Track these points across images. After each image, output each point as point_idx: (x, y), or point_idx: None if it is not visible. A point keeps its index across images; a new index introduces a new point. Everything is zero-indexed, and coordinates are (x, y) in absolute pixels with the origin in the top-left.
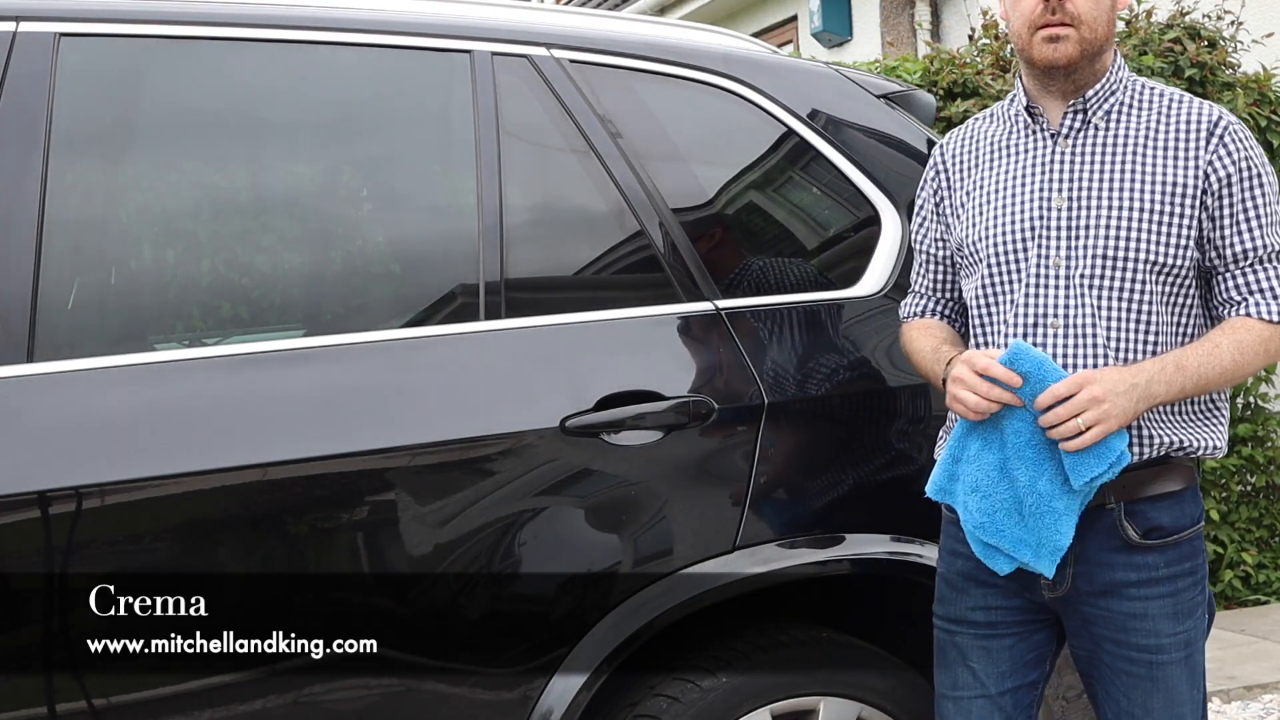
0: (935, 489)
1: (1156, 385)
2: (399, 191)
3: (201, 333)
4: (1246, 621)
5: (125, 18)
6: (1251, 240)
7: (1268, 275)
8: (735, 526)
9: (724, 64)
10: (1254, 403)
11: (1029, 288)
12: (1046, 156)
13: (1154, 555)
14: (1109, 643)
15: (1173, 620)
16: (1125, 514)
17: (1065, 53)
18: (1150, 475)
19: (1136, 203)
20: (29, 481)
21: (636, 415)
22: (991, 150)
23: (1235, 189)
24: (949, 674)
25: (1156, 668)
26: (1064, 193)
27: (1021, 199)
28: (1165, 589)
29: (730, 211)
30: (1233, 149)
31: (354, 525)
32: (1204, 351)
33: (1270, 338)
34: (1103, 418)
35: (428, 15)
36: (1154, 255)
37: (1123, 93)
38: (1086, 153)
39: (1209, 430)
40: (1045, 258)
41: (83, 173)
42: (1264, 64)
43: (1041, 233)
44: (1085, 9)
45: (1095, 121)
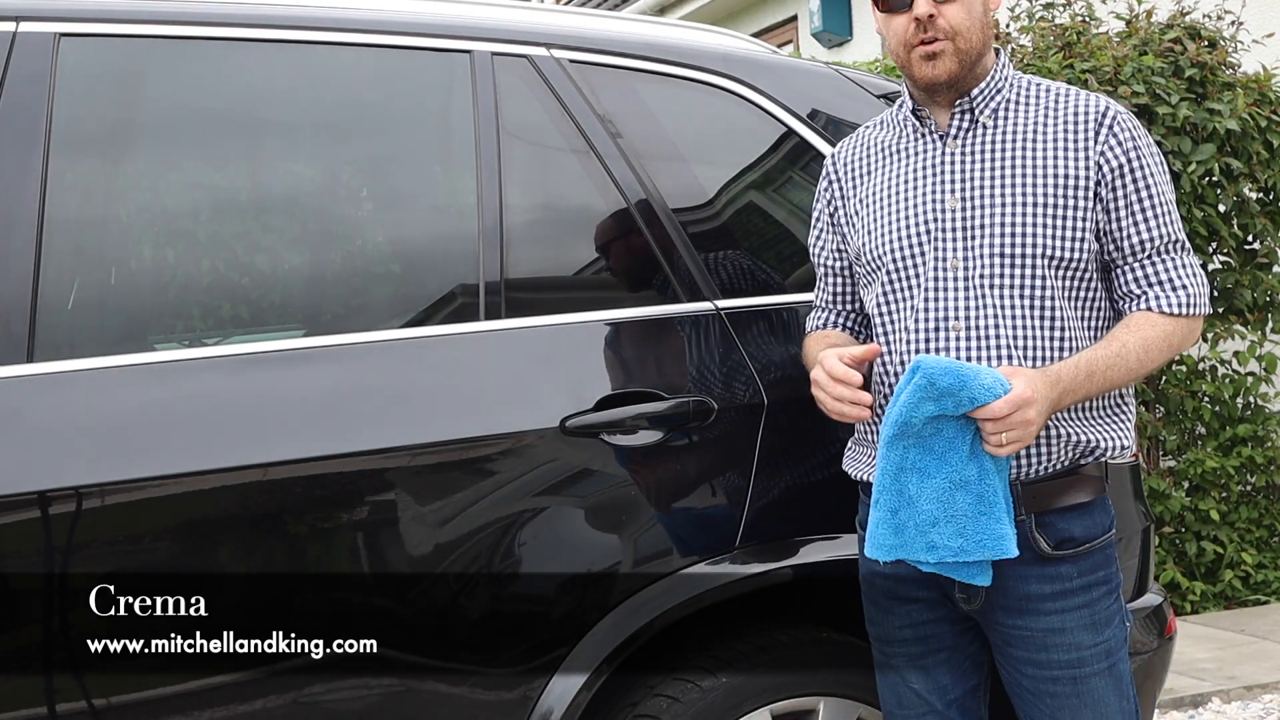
0: (885, 550)
1: (1067, 397)
2: (399, 191)
3: (201, 333)
4: (1246, 621)
5: (125, 18)
6: (1148, 231)
7: (1166, 266)
8: (735, 526)
9: (724, 64)
10: (1254, 403)
11: (928, 291)
12: (936, 158)
13: (1066, 566)
14: (1028, 665)
15: (1090, 631)
16: (1036, 525)
17: (945, 68)
18: (1060, 486)
19: (1029, 197)
20: (29, 481)
21: (636, 415)
22: (881, 156)
23: (1127, 179)
24: (892, 693)
25: (1080, 682)
26: (956, 193)
27: (914, 202)
28: (1080, 599)
29: (730, 211)
30: (1122, 138)
31: (354, 525)
32: (1111, 353)
33: (1173, 331)
34: (1026, 437)
35: (428, 15)
36: (1052, 250)
37: (1009, 90)
38: (976, 151)
39: (1117, 428)
40: (943, 260)
41: (83, 173)
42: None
43: (937, 235)
44: (957, 20)
45: (983, 120)
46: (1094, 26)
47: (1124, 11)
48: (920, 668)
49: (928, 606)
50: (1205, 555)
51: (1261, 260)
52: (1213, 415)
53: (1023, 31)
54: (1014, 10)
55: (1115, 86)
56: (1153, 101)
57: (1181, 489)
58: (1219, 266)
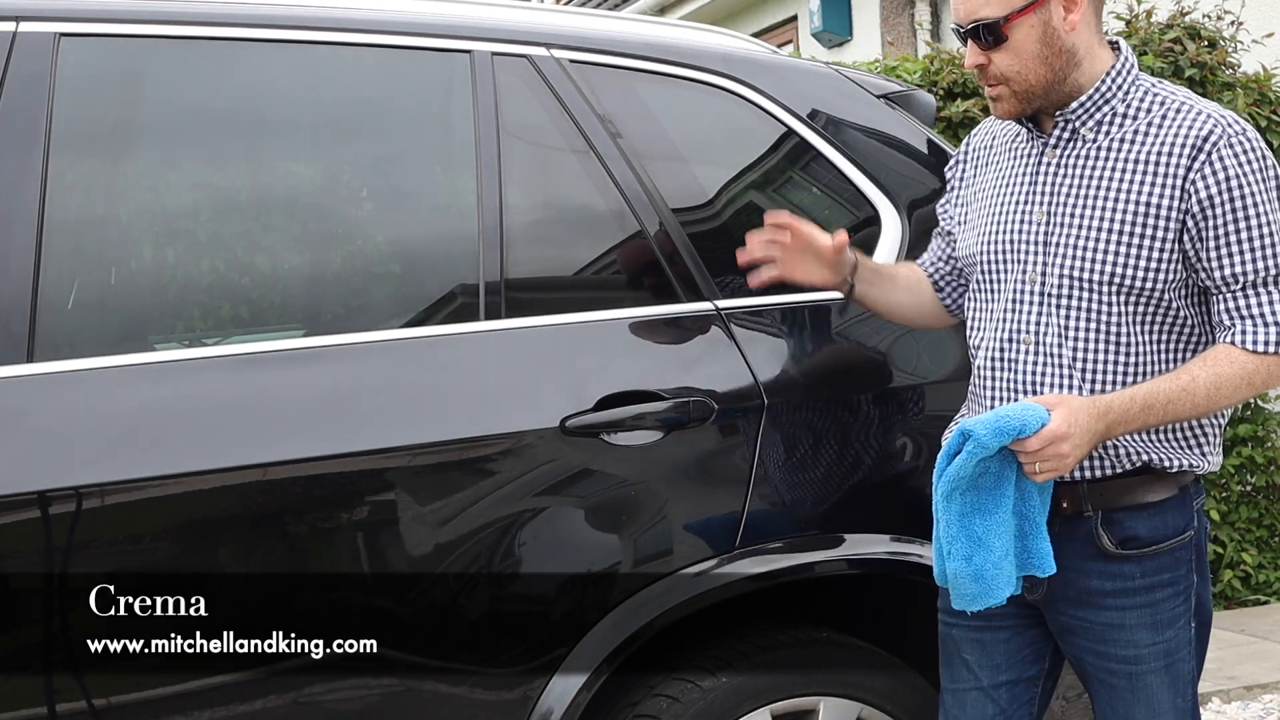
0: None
1: (1118, 427)
2: (399, 191)
3: (201, 333)
4: (1246, 621)
5: (125, 18)
6: (1240, 264)
7: (1260, 300)
8: (735, 526)
9: (724, 64)
10: (1254, 403)
11: (1008, 301)
12: (1034, 166)
13: (1130, 565)
14: (1089, 654)
15: (1151, 630)
16: (1102, 523)
17: (1004, 110)
18: (1129, 485)
19: (1106, 221)
20: (29, 481)
21: (636, 415)
22: (999, 151)
23: (1218, 209)
24: (948, 667)
25: (1136, 678)
26: (1044, 205)
27: (1007, 209)
28: (1142, 599)
29: (730, 211)
30: (1218, 167)
31: (354, 525)
32: (1178, 387)
33: (1255, 370)
34: (1062, 468)
35: (428, 15)
36: (1121, 278)
37: (1119, 101)
38: (1069, 165)
39: (1189, 453)
40: (1024, 272)
41: (83, 173)
42: (1264, 64)
43: (1020, 246)
44: (1006, 67)
45: (1084, 133)
46: None
47: (1124, 11)
48: (976, 641)
49: None
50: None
51: None
52: None
53: None
54: None
55: None
56: None
57: None
58: None
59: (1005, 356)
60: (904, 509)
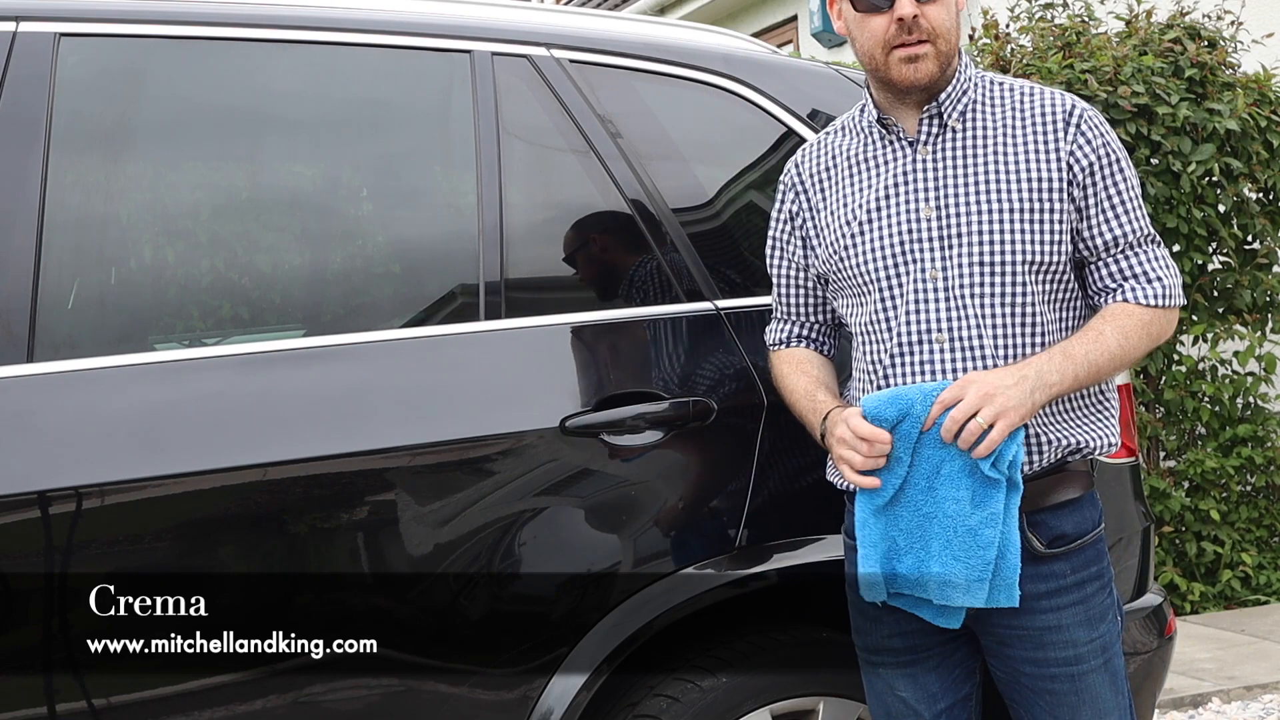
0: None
1: (1048, 374)
2: (399, 191)
3: (201, 333)
4: (1246, 621)
5: (125, 18)
6: (1120, 227)
7: (1140, 259)
8: (735, 526)
9: (724, 64)
10: (1254, 403)
11: (910, 304)
12: (908, 166)
13: (1060, 563)
14: (1026, 663)
15: (1086, 627)
16: (1029, 525)
17: (926, 71)
18: (1050, 484)
19: (1005, 203)
20: (29, 481)
21: (636, 415)
22: (850, 166)
23: (1098, 177)
24: (880, 704)
25: (1078, 679)
26: (931, 201)
27: (889, 214)
28: (1074, 596)
29: (730, 211)
30: (1091, 136)
31: (354, 525)
32: (1089, 339)
33: (1151, 320)
34: (1000, 411)
35: (428, 15)
36: (1031, 255)
37: (974, 90)
38: (947, 157)
39: (1101, 427)
40: (923, 271)
41: (83, 173)
42: (1264, 64)
43: (913, 246)
44: (940, 20)
45: (951, 124)
46: (1094, 27)
47: (1124, 12)
48: (909, 675)
49: (918, 618)
50: (1205, 555)
51: (1261, 260)
52: (1212, 415)
53: (1022, 31)
54: (1013, 10)
55: (1115, 86)
56: (1152, 102)
57: (1181, 489)
58: (1219, 267)
59: (917, 358)
60: None
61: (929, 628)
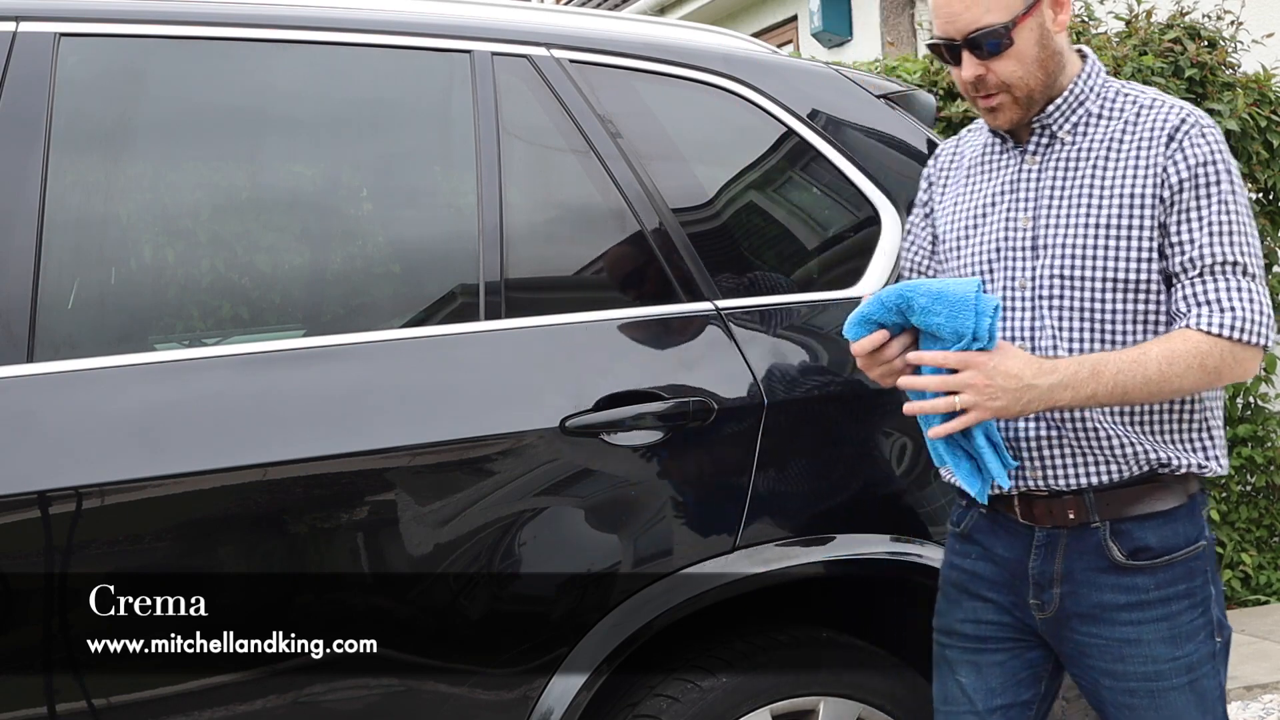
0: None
1: (1061, 391)
2: (399, 191)
3: (201, 333)
4: (1246, 621)
5: (125, 18)
6: (1200, 248)
7: (1217, 286)
8: (735, 526)
9: (724, 64)
10: (1254, 403)
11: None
12: (1014, 175)
13: (1143, 577)
14: (1105, 676)
15: (1170, 645)
16: (1111, 533)
17: (1006, 118)
18: (1134, 494)
19: (1094, 218)
20: (29, 481)
21: (636, 415)
22: (969, 167)
23: (1186, 194)
24: (941, 686)
25: (1159, 695)
26: (1029, 211)
27: (991, 219)
28: (1158, 612)
29: (730, 211)
30: (1189, 153)
31: (354, 525)
32: (1129, 358)
33: (1208, 351)
34: (978, 406)
35: (428, 15)
36: (1113, 272)
37: (1092, 102)
38: (1050, 169)
39: (1190, 443)
40: (1012, 279)
41: (83, 173)
42: (1264, 64)
43: (1008, 254)
44: (1008, 73)
45: (1061, 136)
46: (1093, 26)
47: (1124, 12)
48: (972, 664)
49: (996, 609)
50: None
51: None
52: None
53: None
54: None
55: None
56: None
57: None
58: None
59: None
60: (904, 509)
61: (1004, 624)
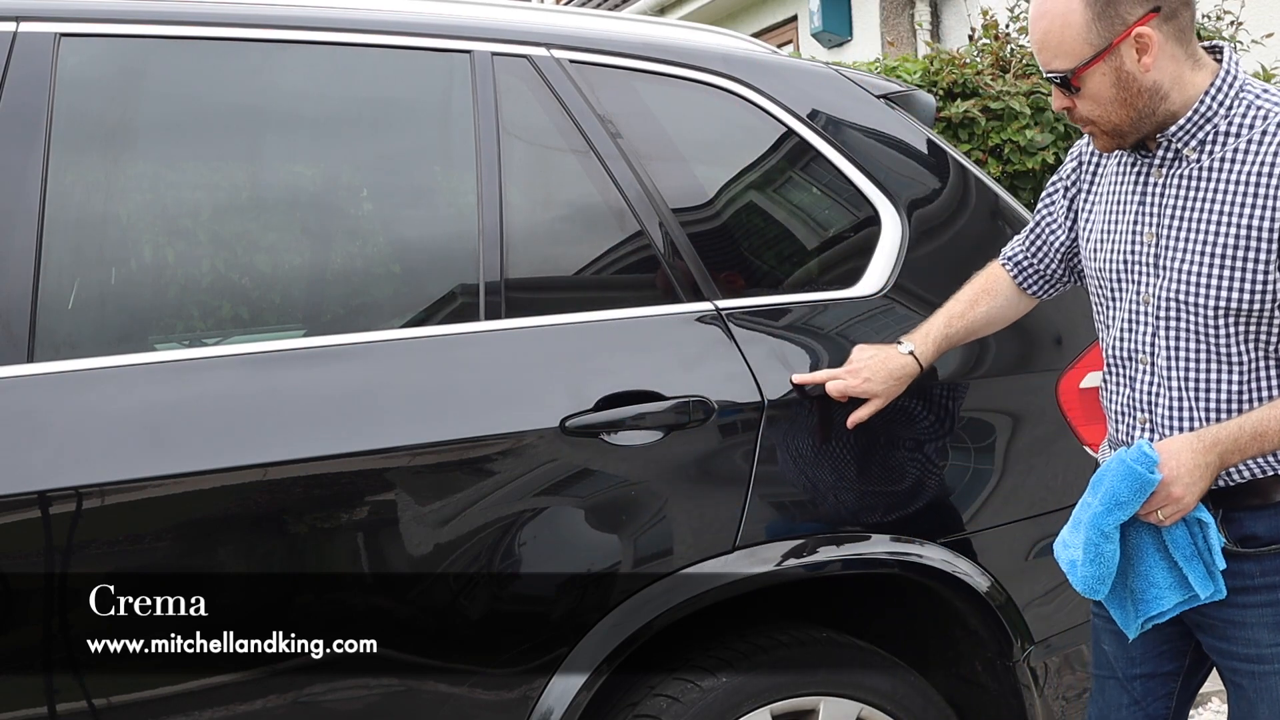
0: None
1: (1232, 456)
2: (399, 191)
3: (201, 333)
4: None
5: (125, 18)
6: None
7: None
8: (735, 526)
9: (724, 64)
10: None
11: (1124, 321)
12: (1145, 187)
13: (1250, 564)
14: (1214, 652)
15: (1273, 630)
16: (1222, 521)
17: (1102, 145)
18: (1249, 485)
19: (1209, 247)
20: (29, 481)
21: (636, 415)
22: (1115, 168)
23: None
24: (1094, 653)
25: (1260, 678)
26: (1152, 227)
27: (1121, 227)
28: (1262, 598)
29: (730, 211)
30: None
31: (354, 525)
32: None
33: None
34: (1181, 509)
35: (428, 15)
36: (1224, 300)
37: (1221, 119)
38: (1173, 186)
39: None
40: (1138, 293)
41: (83, 173)
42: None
43: (1134, 266)
44: (1088, 110)
45: (1186, 153)
46: None
47: None
48: (1114, 633)
49: None
50: None
51: None
52: None
53: (1022, 31)
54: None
55: None
56: None
57: None
58: None
59: (1125, 373)
60: (904, 509)
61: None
